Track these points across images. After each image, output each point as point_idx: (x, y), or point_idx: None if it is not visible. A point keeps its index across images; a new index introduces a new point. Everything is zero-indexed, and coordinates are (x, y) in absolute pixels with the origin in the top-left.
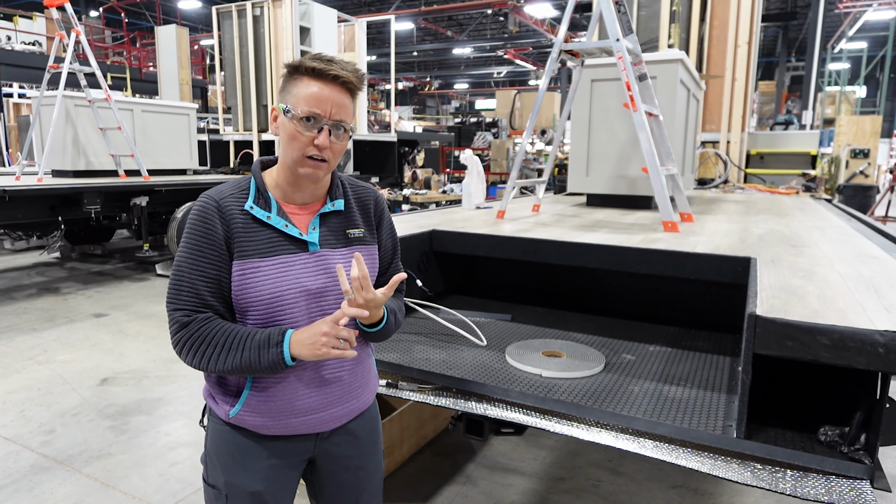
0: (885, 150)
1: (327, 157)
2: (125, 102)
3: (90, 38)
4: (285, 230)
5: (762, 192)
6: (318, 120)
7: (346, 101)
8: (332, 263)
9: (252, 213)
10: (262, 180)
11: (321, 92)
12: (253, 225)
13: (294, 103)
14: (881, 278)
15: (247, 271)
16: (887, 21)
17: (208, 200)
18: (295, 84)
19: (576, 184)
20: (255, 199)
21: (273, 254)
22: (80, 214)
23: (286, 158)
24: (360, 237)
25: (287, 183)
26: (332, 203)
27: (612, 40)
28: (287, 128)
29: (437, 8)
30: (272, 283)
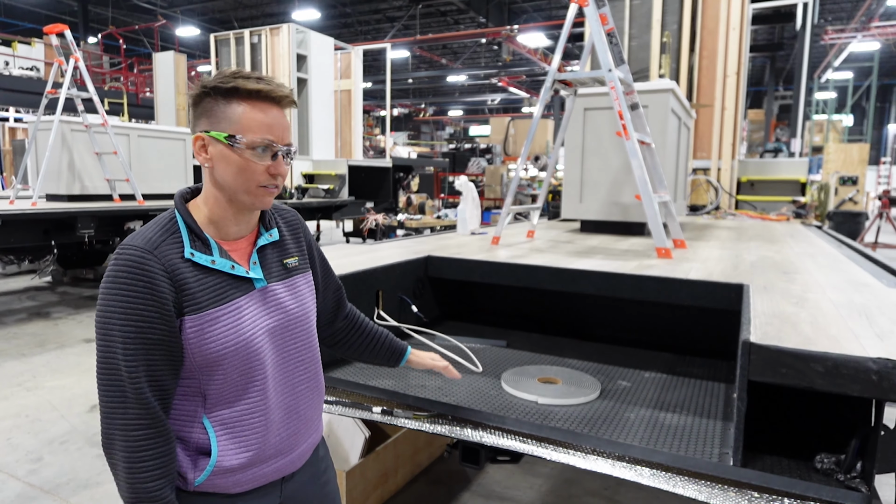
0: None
1: (279, 183)
2: (121, 127)
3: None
4: (232, 272)
5: (753, 219)
6: (271, 147)
7: (288, 121)
8: (281, 299)
9: (194, 261)
10: (191, 218)
11: (270, 117)
12: (197, 273)
13: (240, 131)
14: (873, 305)
15: (204, 326)
16: (871, 52)
17: (140, 253)
18: (232, 108)
19: (570, 210)
20: (192, 243)
21: (227, 299)
22: (74, 238)
23: (231, 190)
24: (297, 266)
25: (223, 217)
26: (269, 234)
27: (604, 70)
28: (232, 159)
29: (433, 37)
30: (235, 332)
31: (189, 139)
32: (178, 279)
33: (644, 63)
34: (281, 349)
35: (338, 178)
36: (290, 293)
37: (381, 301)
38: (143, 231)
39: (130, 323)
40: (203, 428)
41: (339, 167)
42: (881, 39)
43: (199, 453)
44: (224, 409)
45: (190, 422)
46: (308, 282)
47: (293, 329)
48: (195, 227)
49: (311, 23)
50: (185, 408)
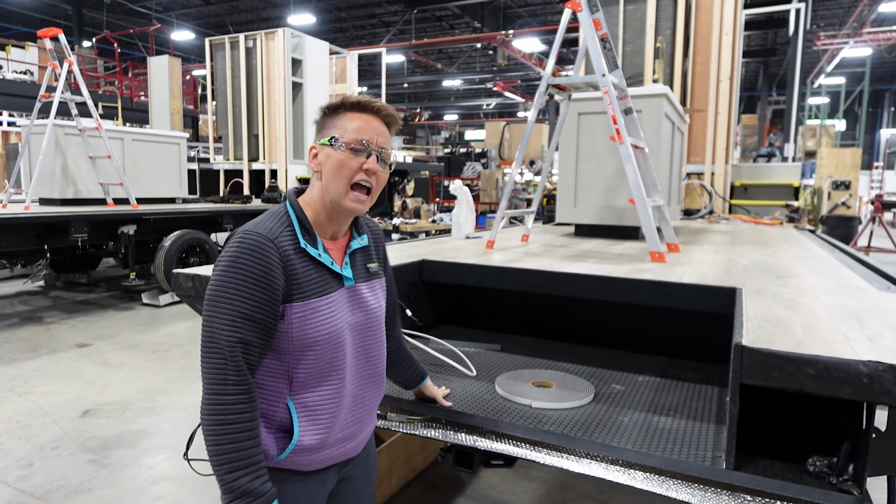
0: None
1: (372, 185)
2: (115, 131)
3: (82, 68)
4: (332, 267)
5: (747, 223)
6: (366, 147)
7: (388, 133)
8: (364, 298)
9: (306, 251)
10: (303, 214)
11: (367, 123)
12: (305, 264)
13: (341, 133)
14: (864, 309)
15: (307, 313)
16: (863, 58)
17: (262, 240)
18: (338, 119)
19: (564, 214)
20: (304, 236)
21: (326, 292)
22: (67, 243)
23: (331, 191)
24: (376, 272)
25: (326, 218)
26: (361, 238)
27: (598, 75)
28: (334, 157)
29: (428, 41)
30: (330, 322)
31: (183, 143)
32: (289, 268)
33: (638, 68)
34: (359, 343)
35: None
36: (371, 294)
37: None
38: (263, 221)
39: (244, 301)
40: (286, 408)
41: None
42: (873, 45)
43: (280, 431)
44: (307, 393)
45: (276, 401)
46: (383, 287)
47: (370, 327)
48: (306, 223)
49: (306, 27)
50: (273, 387)
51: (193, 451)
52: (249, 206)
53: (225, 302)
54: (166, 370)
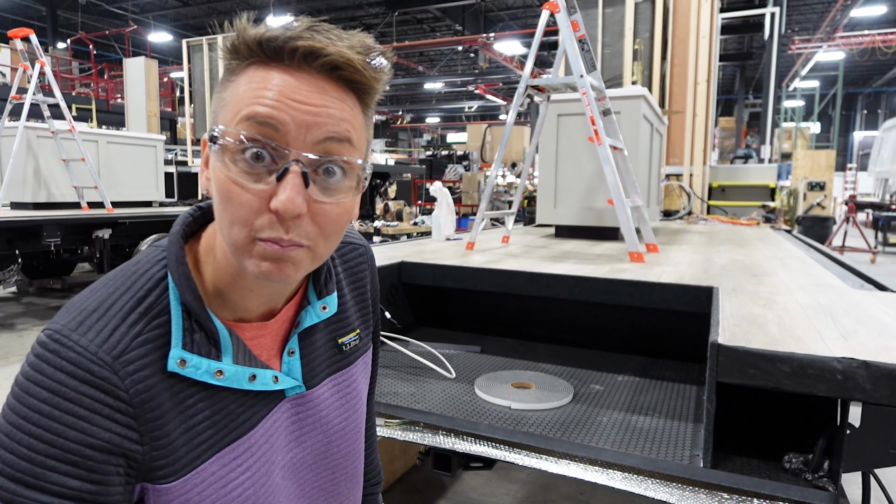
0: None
1: (305, 237)
2: (90, 134)
3: (57, 70)
4: (251, 386)
5: (724, 224)
6: (273, 150)
7: (339, 106)
8: (324, 410)
9: (185, 375)
10: (195, 292)
11: (277, 88)
12: (187, 399)
13: (227, 119)
14: (838, 306)
15: (192, 495)
16: (836, 62)
17: (84, 362)
18: (234, 83)
19: (544, 215)
20: (186, 337)
21: (233, 436)
22: (39, 247)
23: (225, 240)
24: (355, 345)
25: (237, 286)
26: (322, 305)
27: (576, 76)
28: (219, 177)
29: (409, 44)
30: (244, 489)
31: (160, 145)
32: (148, 419)
33: (617, 70)
34: (307, 484)
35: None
36: (339, 397)
37: None
38: (102, 300)
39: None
40: None
41: None
42: (845, 49)
43: None
44: None
45: None
46: (366, 365)
47: (332, 454)
48: (198, 309)
49: None
50: None
51: None
52: None
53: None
54: None
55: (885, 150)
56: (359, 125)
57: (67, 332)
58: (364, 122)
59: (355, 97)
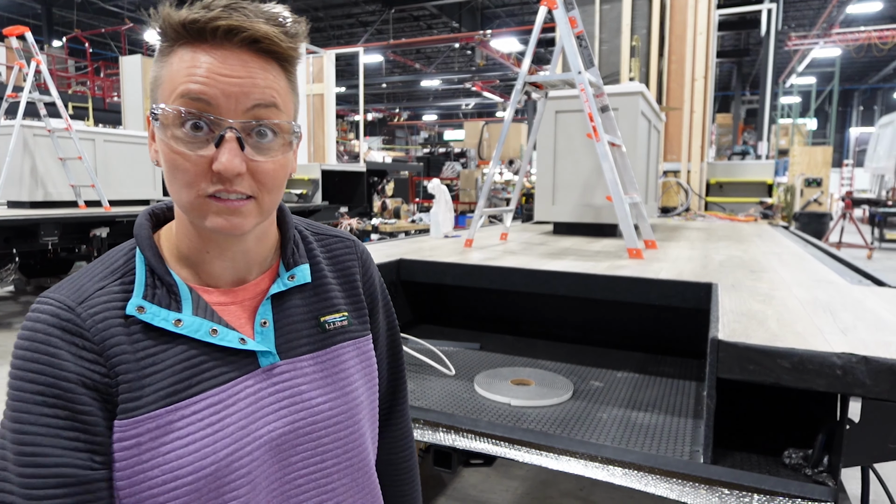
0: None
1: (249, 190)
2: (87, 132)
3: (53, 68)
4: (212, 339)
5: (722, 220)
6: (209, 122)
7: (264, 78)
8: (302, 384)
9: (143, 320)
10: (154, 251)
11: (206, 66)
12: (149, 342)
13: (164, 97)
14: (836, 302)
15: (144, 438)
16: (833, 58)
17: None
18: (167, 63)
19: (542, 212)
20: (148, 291)
21: (196, 389)
22: (37, 246)
23: (178, 204)
24: (343, 326)
25: (194, 248)
26: (290, 274)
27: (574, 73)
28: (164, 149)
29: (406, 41)
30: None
31: None
32: (111, 354)
33: (615, 67)
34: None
35: (311, 183)
36: (322, 375)
37: None
38: (81, 272)
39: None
40: None
41: (312, 172)
42: (842, 46)
43: None
44: None
45: None
46: (363, 353)
47: (320, 438)
48: (156, 265)
49: None
50: None
51: None
52: None
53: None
54: None
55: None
56: (283, 90)
57: (46, 294)
58: (288, 86)
59: (277, 65)
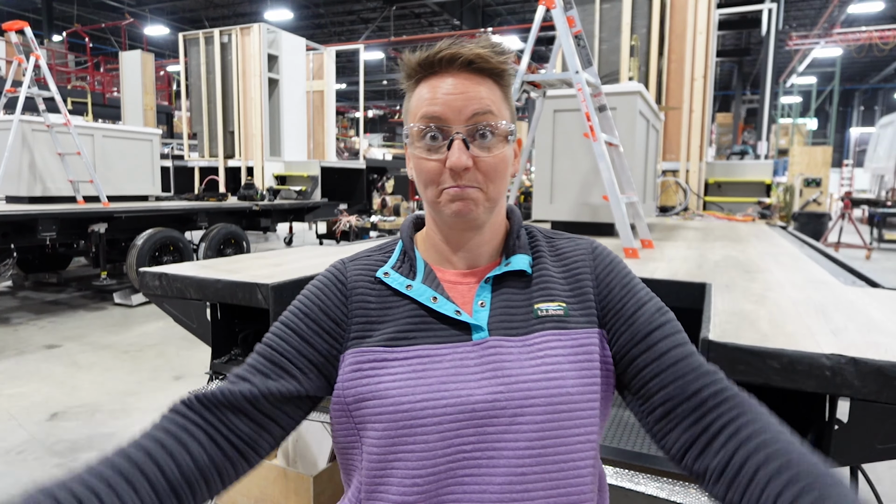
0: (836, 179)
1: (476, 182)
2: (85, 127)
3: (52, 63)
4: (432, 305)
5: (720, 220)
6: (441, 130)
7: (478, 91)
8: (508, 360)
9: (385, 282)
10: (409, 235)
11: (436, 90)
12: (386, 298)
13: (411, 120)
14: (829, 303)
15: (364, 366)
16: (834, 58)
17: (336, 263)
18: (410, 97)
19: (541, 211)
20: (397, 263)
21: (410, 341)
22: (35, 242)
23: (424, 200)
24: (557, 315)
25: (441, 240)
26: (508, 262)
27: (571, 72)
28: (413, 160)
29: (407, 38)
30: (401, 389)
31: (156, 139)
32: (356, 300)
33: (614, 66)
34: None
35: (310, 180)
36: (528, 356)
37: None
38: (365, 248)
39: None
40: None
41: (311, 169)
42: (843, 45)
43: None
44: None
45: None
46: (578, 345)
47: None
48: (409, 246)
49: (283, 23)
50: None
51: None
52: (225, 204)
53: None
54: (138, 371)
55: (881, 146)
56: (497, 99)
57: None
58: (502, 96)
59: (490, 80)
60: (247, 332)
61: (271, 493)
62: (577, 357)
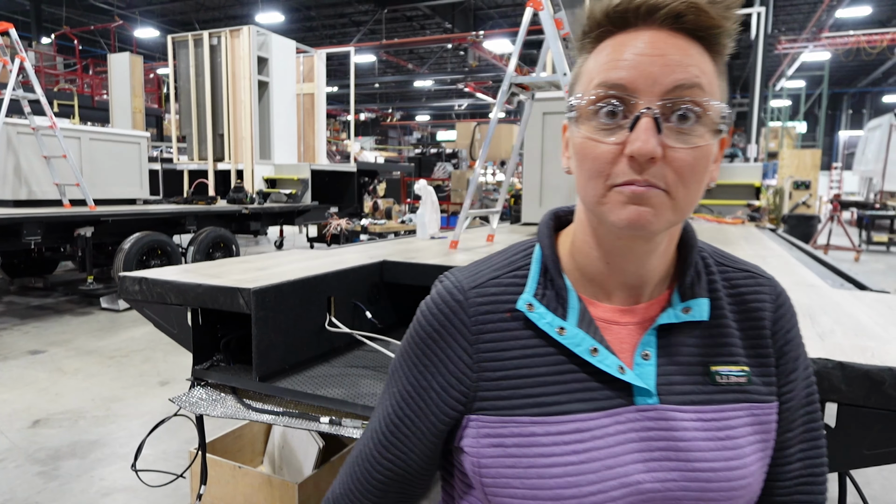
0: (825, 181)
1: (663, 181)
2: (72, 130)
3: (40, 66)
4: (591, 359)
5: (710, 222)
6: (624, 103)
7: (685, 56)
8: (683, 440)
9: (529, 318)
10: (553, 250)
11: (622, 49)
12: (526, 342)
13: (582, 89)
14: (817, 306)
15: (507, 441)
16: (822, 62)
17: (449, 290)
18: (587, 60)
19: (530, 213)
20: (539, 290)
21: (563, 407)
22: (20, 246)
23: (583, 199)
24: (740, 383)
25: (599, 257)
26: (685, 306)
27: (559, 74)
28: (576, 141)
29: (399, 41)
30: (561, 479)
31: (143, 142)
32: (482, 348)
33: None
34: None
35: (300, 183)
36: (708, 436)
37: (334, 308)
38: (483, 259)
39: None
40: None
41: (301, 171)
42: (831, 49)
43: None
44: None
45: None
46: (761, 423)
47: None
48: (552, 265)
49: (274, 26)
50: None
51: (148, 461)
52: (214, 208)
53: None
54: (123, 376)
55: (870, 149)
56: (708, 71)
57: (452, 271)
58: (714, 68)
59: (701, 46)
60: (229, 338)
61: (256, 501)
62: (759, 438)
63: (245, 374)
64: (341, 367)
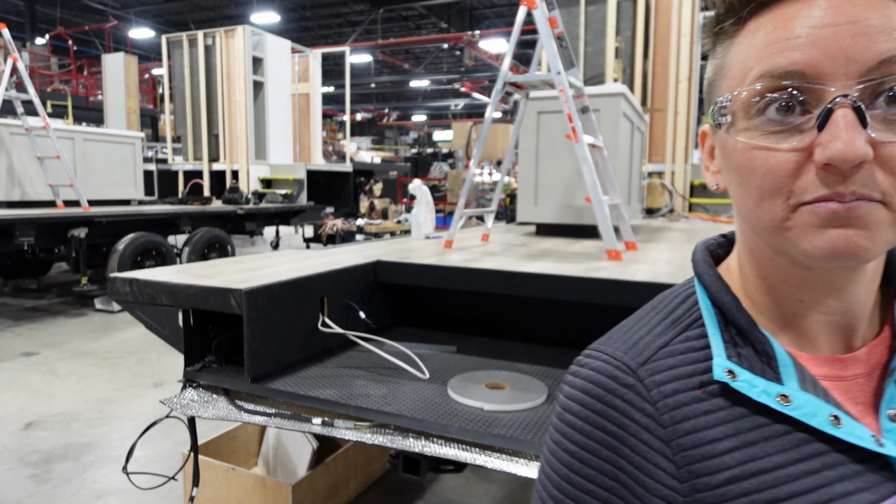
0: None
1: (877, 189)
2: (66, 131)
3: (35, 66)
4: (834, 431)
5: (705, 221)
6: (809, 93)
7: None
8: None
9: (732, 386)
10: (732, 296)
11: (792, 24)
12: (738, 423)
13: (731, 87)
14: None
15: None
16: None
17: (605, 368)
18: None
19: (525, 213)
20: (730, 349)
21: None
22: (12, 247)
23: (754, 226)
24: None
25: (780, 293)
26: None
27: (553, 73)
28: (733, 151)
29: (395, 41)
30: None
31: (138, 143)
32: (685, 444)
33: (600, 69)
34: None
35: (296, 183)
36: None
37: (327, 308)
38: (630, 320)
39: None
40: None
41: (297, 172)
42: None
43: None
44: None
45: None
46: None
47: None
48: (738, 312)
49: (270, 26)
50: None
51: (140, 464)
52: (209, 208)
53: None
54: (117, 378)
55: None
56: None
57: (596, 346)
58: None
59: None
60: (221, 339)
61: (249, 503)
62: None
63: (237, 376)
64: (334, 367)
